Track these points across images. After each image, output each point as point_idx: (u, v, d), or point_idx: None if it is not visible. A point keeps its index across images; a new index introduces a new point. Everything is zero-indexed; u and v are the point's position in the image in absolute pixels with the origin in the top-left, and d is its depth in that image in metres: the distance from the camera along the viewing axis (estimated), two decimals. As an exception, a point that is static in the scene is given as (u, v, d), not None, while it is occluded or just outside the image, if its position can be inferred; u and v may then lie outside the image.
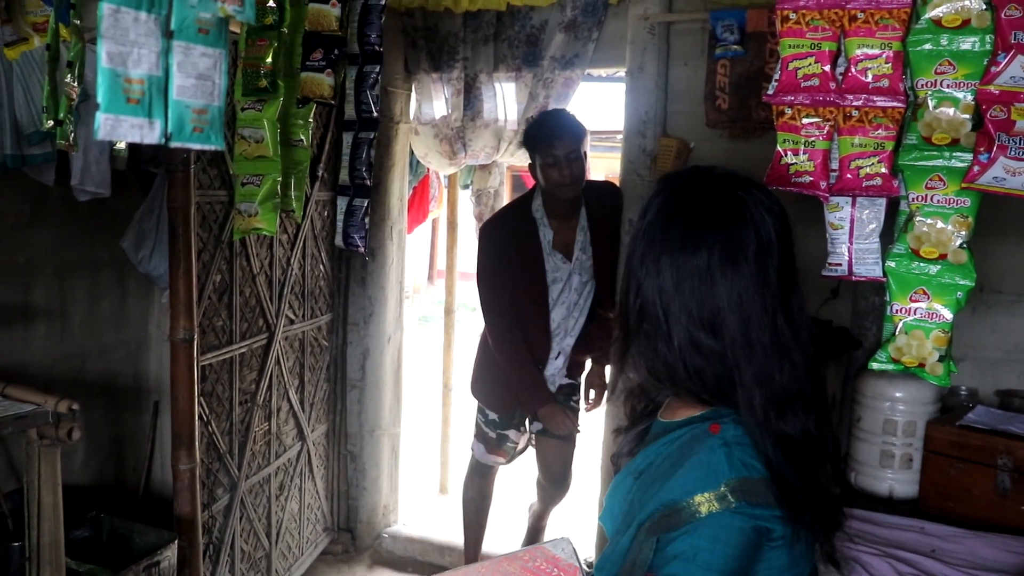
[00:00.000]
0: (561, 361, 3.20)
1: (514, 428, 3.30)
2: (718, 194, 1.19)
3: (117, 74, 0.73)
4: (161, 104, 0.79)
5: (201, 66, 0.80)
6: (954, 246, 1.60)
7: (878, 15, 1.64)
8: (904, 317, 1.65)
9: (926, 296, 1.63)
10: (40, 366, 2.82)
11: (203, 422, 2.74)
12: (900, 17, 1.63)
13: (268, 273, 3.14)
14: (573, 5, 3.49)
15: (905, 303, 1.65)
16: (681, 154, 3.36)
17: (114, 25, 0.73)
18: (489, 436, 3.31)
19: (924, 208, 1.62)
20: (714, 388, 1.16)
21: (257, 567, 3.24)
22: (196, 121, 0.81)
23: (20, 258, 2.73)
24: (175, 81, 0.79)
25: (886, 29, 1.64)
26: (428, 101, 3.89)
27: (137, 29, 0.74)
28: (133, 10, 0.74)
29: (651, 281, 1.16)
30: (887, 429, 2.69)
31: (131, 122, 0.76)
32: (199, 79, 0.80)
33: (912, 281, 1.64)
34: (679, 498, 1.10)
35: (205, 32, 0.81)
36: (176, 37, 0.79)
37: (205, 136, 0.83)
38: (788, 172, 1.72)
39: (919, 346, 1.63)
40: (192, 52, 0.79)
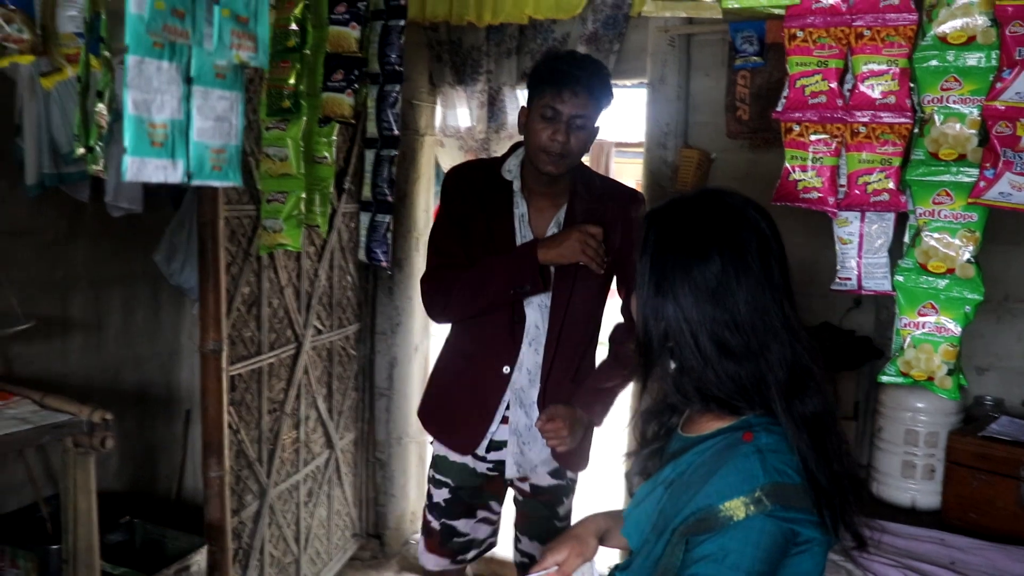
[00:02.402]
0: (529, 384, 2.28)
1: (467, 513, 2.38)
2: (707, 208, 1.28)
3: (142, 120, 0.79)
4: (183, 145, 0.85)
5: (219, 108, 0.86)
6: (961, 260, 1.62)
7: (884, 32, 1.67)
8: (912, 331, 1.67)
9: (934, 310, 1.65)
10: (78, 376, 2.91)
11: (233, 430, 2.81)
12: (906, 34, 1.65)
13: (296, 285, 3.22)
14: (594, 18, 3.53)
15: (913, 317, 1.67)
16: (702, 165, 3.39)
17: (139, 75, 0.79)
18: (431, 526, 2.40)
19: (931, 223, 1.64)
20: (749, 389, 1.22)
21: (286, 572, 3.31)
22: (215, 160, 0.87)
23: (58, 273, 2.82)
24: (195, 124, 0.85)
25: (892, 46, 1.66)
26: (453, 113, 3.95)
27: (160, 77, 0.80)
28: (156, 60, 0.80)
29: (670, 302, 1.23)
30: (908, 439, 2.70)
31: (155, 163, 0.82)
32: (217, 121, 0.86)
33: (920, 295, 1.66)
34: (714, 503, 1.16)
35: (222, 77, 0.87)
36: (195, 83, 0.84)
37: (224, 173, 0.89)
38: (796, 188, 1.75)
39: (927, 360, 1.65)
40: (210, 96, 0.85)
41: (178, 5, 0.80)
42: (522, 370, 2.25)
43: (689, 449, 1.29)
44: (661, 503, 1.28)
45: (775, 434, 1.21)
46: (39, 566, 2.40)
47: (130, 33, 0.79)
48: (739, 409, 1.25)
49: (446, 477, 2.36)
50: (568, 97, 2.06)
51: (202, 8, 0.83)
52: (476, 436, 2.28)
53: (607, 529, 1.51)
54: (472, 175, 2.34)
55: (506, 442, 2.29)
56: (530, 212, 2.25)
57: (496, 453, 2.31)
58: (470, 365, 2.31)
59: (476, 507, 2.38)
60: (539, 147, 2.11)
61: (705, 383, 1.24)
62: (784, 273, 1.26)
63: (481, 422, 2.27)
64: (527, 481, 2.38)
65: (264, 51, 0.90)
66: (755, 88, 3.13)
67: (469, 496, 2.36)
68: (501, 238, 2.20)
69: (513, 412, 2.27)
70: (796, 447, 1.19)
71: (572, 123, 2.08)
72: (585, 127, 2.11)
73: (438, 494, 2.37)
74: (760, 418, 1.23)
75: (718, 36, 3.24)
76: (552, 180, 2.19)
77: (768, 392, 1.22)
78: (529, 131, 2.14)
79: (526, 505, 2.42)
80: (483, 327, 2.26)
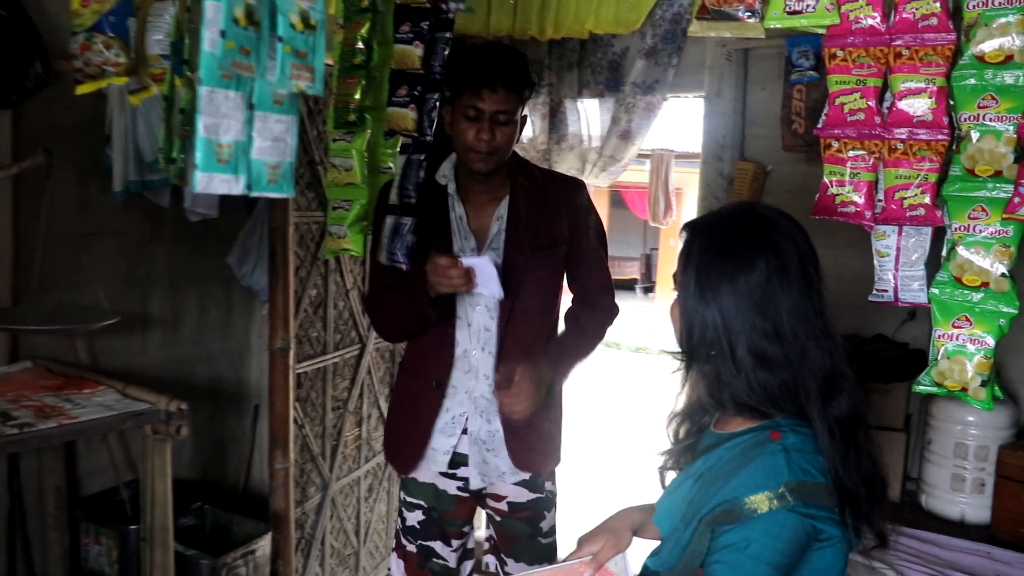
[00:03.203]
0: (487, 389, 2.15)
1: (442, 536, 2.26)
2: (748, 220, 1.35)
3: (211, 141, 0.92)
4: (245, 162, 0.97)
5: (276, 131, 0.98)
6: (996, 275, 1.65)
7: (922, 52, 1.70)
8: (946, 343, 1.70)
9: (968, 323, 1.68)
10: (155, 369, 3.09)
11: (298, 426, 2.95)
12: (944, 53, 1.69)
13: (361, 288, 3.36)
14: (653, 33, 3.60)
15: (948, 329, 1.70)
16: (758, 178, 3.43)
17: (210, 103, 0.91)
18: (408, 549, 2.28)
19: (966, 238, 1.67)
20: (777, 398, 1.29)
21: (346, 563, 3.45)
22: (271, 175, 0.99)
23: (141, 272, 3.01)
24: (255, 144, 0.97)
25: (930, 65, 1.70)
26: (515, 125, 4.05)
27: (227, 104, 0.92)
28: (224, 90, 0.92)
29: (712, 310, 1.30)
30: (958, 453, 2.70)
31: (221, 178, 0.94)
32: (274, 141, 0.98)
33: (955, 308, 1.69)
34: (739, 496, 1.23)
35: (279, 103, 0.98)
36: (256, 109, 0.96)
37: (279, 186, 1.01)
38: (834, 202, 1.80)
39: (960, 371, 1.68)
40: (268, 120, 0.97)
41: (245, 44, 0.93)
42: (478, 376, 2.15)
43: (720, 445, 1.36)
44: (691, 494, 1.35)
45: (802, 435, 1.28)
46: (119, 544, 2.58)
47: (203, 67, 0.92)
48: (769, 414, 1.32)
49: (417, 499, 2.25)
50: (487, 95, 2.02)
51: (265, 45, 0.95)
52: (414, 456, 2.19)
53: (641, 522, 1.58)
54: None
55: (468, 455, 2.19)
56: (469, 212, 2.20)
57: (464, 469, 2.19)
58: (410, 380, 2.27)
59: (450, 535, 2.27)
60: (466, 147, 2.08)
61: (738, 392, 1.31)
62: (819, 283, 1.32)
63: (418, 439, 2.18)
64: (503, 500, 2.24)
65: (320, 80, 1.02)
66: (811, 102, 3.16)
67: (442, 521, 2.25)
68: (437, 243, 2.12)
69: (472, 421, 2.16)
70: (824, 449, 1.26)
71: (495, 119, 2.04)
72: (509, 121, 2.07)
73: (411, 516, 2.26)
74: (788, 419, 1.30)
75: (775, 50, 3.28)
76: (487, 177, 2.14)
77: (801, 397, 1.29)
78: (455, 132, 2.11)
79: (505, 525, 2.27)
80: (420, 340, 2.22)
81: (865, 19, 1.75)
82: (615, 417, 7.15)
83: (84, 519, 2.70)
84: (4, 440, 1.89)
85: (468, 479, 2.19)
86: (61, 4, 2.47)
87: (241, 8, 0.92)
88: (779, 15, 1.81)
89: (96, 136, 2.66)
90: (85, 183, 2.73)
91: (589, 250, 2.23)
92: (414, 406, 2.20)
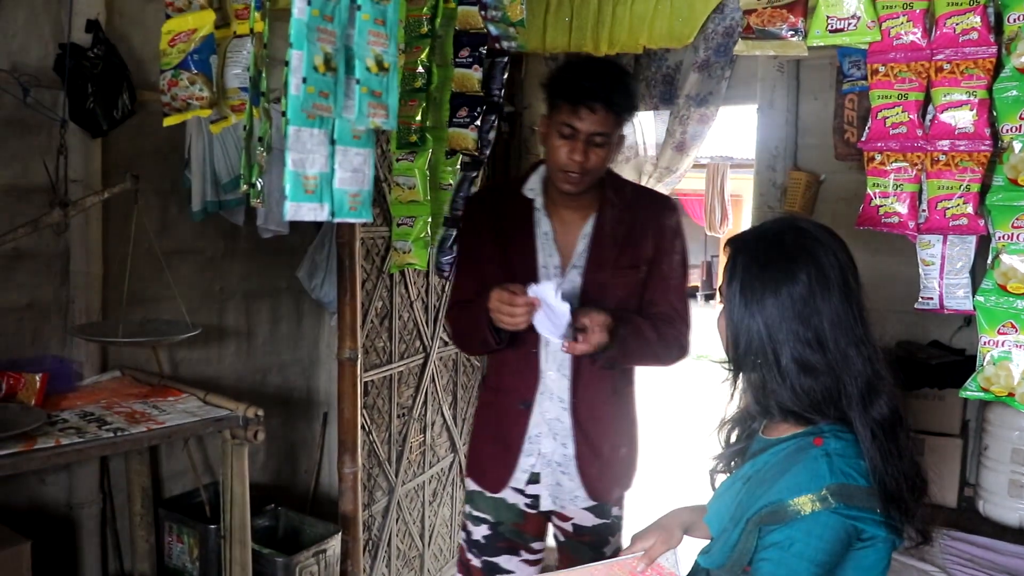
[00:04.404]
0: (562, 411, 2.12)
1: (508, 550, 2.21)
2: (790, 234, 1.42)
3: (299, 174, 1.04)
4: (328, 192, 1.09)
5: (355, 162, 1.10)
6: (1040, 282, 1.69)
7: (964, 65, 1.75)
8: (992, 349, 1.74)
9: (1014, 329, 1.71)
10: (230, 378, 3.26)
11: (365, 432, 3.08)
12: (985, 67, 1.73)
13: (424, 300, 3.49)
14: (706, 46, 3.67)
15: (993, 336, 1.74)
16: (811, 187, 3.46)
17: (297, 140, 1.03)
18: (472, 564, 2.24)
19: (1010, 246, 1.71)
20: (820, 403, 1.36)
21: (411, 565, 3.57)
22: (352, 202, 1.10)
23: (216, 286, 3.19)
24: (337, 175, 1.08)
25: (971, 78, 1.75)
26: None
27: (312, 141, 1.05)
28: (308, 128, 1.04)
29: (756, 321, 1.38)
30: (1016, 459, 2.70)
31: (308, 207, 1.07)
32: (354, 172, 1.10)
33: (1000, 315, 1.73)
34: (784, 498, 1.31)
35: (358, 138, 1.10)
36: (337, 143, 1.09)
37: (358, 212, 1.13)
38: (878, 213, 1.86)
39: (1007, 376, 1.72)
40: (348, 153, 1.09)
41: (324, 88, 1.05)
42: (552, 399, 2.11)
43: (767, 450, 1.44)
44: (739, 496, 1.43)
45: (844, 440, 1.35)
46: (200, 542, 2.74)
47: (290, 110, 1.05)
48: (813, 420, 1.39)
49: (484, 513, 2.21)
50: (585, 115, 1.93)
51: (342, 87, 1.08)
52: (503, 475, 2.16)
53: (692, 522, 1.66)
54: (489, 199, 2.27)
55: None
56: (556, 228, 2.11)
57: (535, 486, 2.16)
58: (495, 399, 2.22)
59: (518, 547, 2.22)
60: (558, 166, 2.00)
61: (783, 399, 1.38)
62: (859, 293, 1.38)
63: (506, 460, 2.15)
64: (569, 521, 2.21)
65: (393, 116, 1.14)
66: (862, 111, 3.19)
67: (510, 534, 2.20)
68: (521, 261, 2.07)
69: (545, 443, 2.13)
70: (866, 450, 1.32)
71: (591, 141, 1.95)
72: (606, 144, 1.98)
73: (477, 531, 2.22)
74: (831, 425, 1.37)
75: (826, 60, 3.32)
76: (576, 193, 2.06)
77: (843, 403, 1.36)
78: (548, 147, 2.03)
79: (569, 547, 2.25)
80: (504, 359, 2.17)
81: (906, 35, 1.81)
82: (675, 422, 7.16)
83: (167, 519, 2.86)
84: (102, 443, 2.05)
85: (539, 496, 2.16)
86: (144, 39, 2.67)
87: (320, 57, 1.05)
88: (821, 33, 1.88)
89: (175, 160, 2.85)
90: (166, 204, 2.91)
91: (670, 275, 2.13)
92: (501, 426, 2.17)
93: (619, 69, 2.05)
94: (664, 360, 2.12)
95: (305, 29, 1.05)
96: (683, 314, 2.14)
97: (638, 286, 2.12)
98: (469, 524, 2.25)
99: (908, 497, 1.33)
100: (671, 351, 2.11)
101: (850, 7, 1.81)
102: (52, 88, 2.46)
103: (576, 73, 1.99)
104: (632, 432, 2.24)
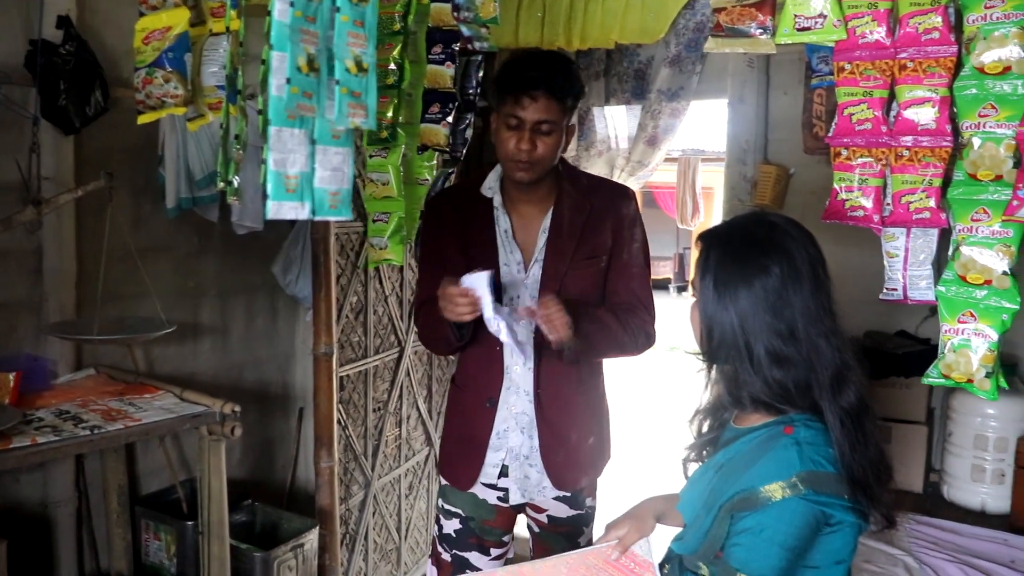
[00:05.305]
0: (528, 405, 2.13)
1: (478, 546, 2.23)
2: (762, 228, 1.46)
3: (280, 174, 1.06)
4: (309, 191, 1.11)
5: (335, 161, 1.12)
6: (998, 273, 1.74)
7: (926, 64, 1.80)
8: (952, 337, 1.80)
9: (973, 318, 1.77)
10: (206, 375, 3.25)
11: (341, 426, 3.09)
12: (946, 65, 1.79)
13: (399, 294, 3.50)
14: (677, 42, 3.71)
15: (954, 324, 1.80)
16: (781, 180, 3.52)
17: (278, 140, 1.05)
18: (442, 558, 2.27)
19: (969, 238, 1.77)
20: (791, 394, 1.39)
21: (388, 558, 3.59)
22: (332, 200, 1.12)
23: (191, 283, 3.18)
24: (317, 174, 1.10)
25: (933, 76, 1.80)
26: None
27: (293, 141, 1.06)
28: (290, 128, 1.07)
29: (729, 314, 1.41)
30: (978, 444, 2.78)
31: (290, 205, 1.09)
32: (334, 171, 1.12)
33: (960, 304, 1.79)
34: (756, 485, 1.35)
35: (337, 137, 1.12)
36: (317, 143, 1.11)
37: (338, 210, 1.15)
38: (844, 207, 1.91)
39: (966, 363, 1.78)
40: (328, 152, 1.11)
41: (307, 88, 1.07)
42: (519, 393, 2.13)
43: (738, 439, 1.48)
44: (712, 484, 1.47)
45: (813, 429, 1.39)
46: (177, 539, 2.75)
47: (272, 110, 1.06)
48: (784, 410, 1.43)
49: (455, 507, 2.23)
50: (527, 103, 1.95)
51: (324, 89, 1.10)
52: (472, 472, 2.18)
53: (665, 510, 1.69)
54: (450, 200, 2.28)
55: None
56: (515, 224, 2.13)
57: (504, 480, 2.17)
58: (462, 397, 2.25)
59: (488, 544, 2.24)
60: (507, 157, 2.02)
61: (755, 390, 1.42)
62: (827, 285, 1.43)
63: (474, 458, 2.17)
64: (544, 512, 2.23)
65: (372, 116, 1.16)
66: (831, 105, 3.23)
67: (480, 530, 2.22)
68: (483, 260, 2.05)
69: (513, 437, 2.15)
70: (835, 438, 1.37)
71: (537, 129, 1.98)
72: (552, 131, 1.99)
73: (448, 525, 2.25)
74: (801, 414, 1.41)
75: (795, 56, 3.38)
76: (532, 187, 2.08)
77: (814, 392, 1.40)
78: (497, 141, 2.05)
79: (543, 538, 2.27)
80: (469, 355, 2.19)
81: (871, 34, 1.86)
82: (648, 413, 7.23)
83: (144, 516, 2.86)
84: (78, 440, 2.05)
85: (508, 491, 2.18)
86: (117, 35, 2.66)
87: (303, 58, 1.07)
88: (789, 32, 1.92)
89: (149, 157, 2.84)
90: (140, 202, 2.90)
91: (631, 264, 2.15)
92: (469, 424, 2.19)
93: (560, 58, 2.08)
94: (630, 350, 2.13)
95: (287, 31, 1.07)
96: (646, 302, 2.15)
97: (599, 276, 2.13)
98: (442, 518, 2.28)
99: (874, 483, 1.37)
100: (636, 340, 2.11)
101: (817, 6, 1.86)
102: (23, 85, 2.44)
103: (517, 65, 2.02)
104: (601, 422, 2.26)
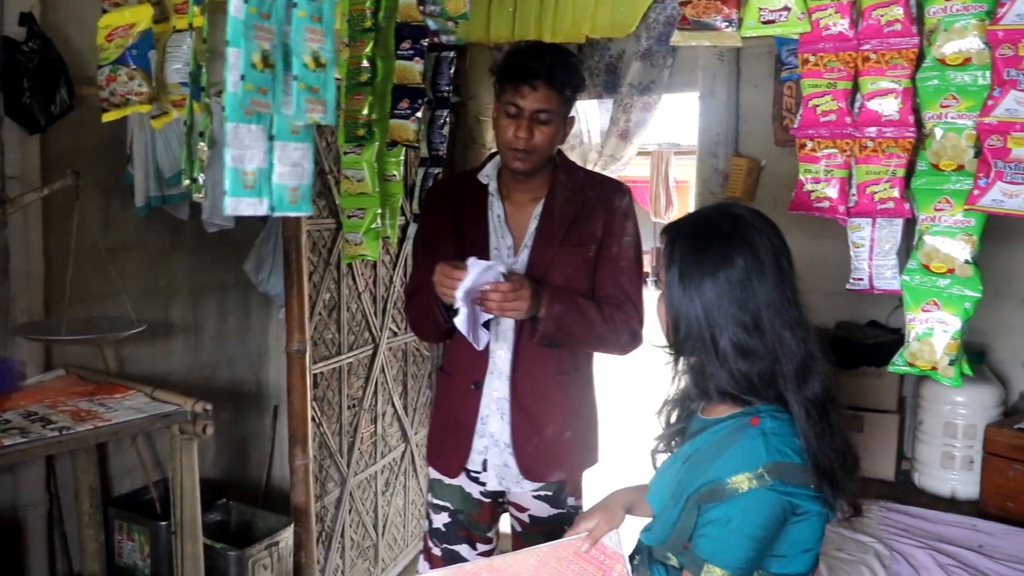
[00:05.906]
0: (508, 390, 2.14)
1: (467, 539, 2.25)
2: (726, 220, 1.47)
3: (238, 170, 1.05)
4: (267, 187, 1.10)
5: (294, 157, 1.12)
6: (960, 262, 1.76)
7: (888, 55, 1.83)
8: (917, 325, 1.83)
9: (937, 307, 1.80)
10: (179, 374, 3.23)
11: (316, 424, 3.09)
12: (908, 57, 1.81)
13: (372, 291, 3.50)
14: (648, 35, 3.73)
15: (918, 313, 1.82)
16: (752, 172, 3.55)
17: (235, 136, 1.05)
18: (433, 552, 2.29)
19: (932, 228, 1.79)
20: (757, 386, 1.41)
21: (365, 555, 3.59)
22: (291, 196, 1.12)
23: (162, 282, 3.15)
24: (276, 170, 1.10)
25: (896, 68, 1.82)
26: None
27: (250, 137, 1.06)
28: (247, 124, 1.06)
29: (695, 306, 1.42)
30: (948, 432, 2.82)
31: (248, 201, 1.08)
32: (293, 166, 1.11)
33: (924, 293, 1.81)
34: (722, 476, 1.36)
35: (296, 132, 1.11)
36: (276, 139, 1.10)
37: (298, 206, 1.15)
38: (809, 198, 1.93)
39: (930, 351, 1.80)
40: (287, 148, 1.11)
41: (262, 84, 1.06)
42: (501, 377, 2.14)
43: (705, 430, 1.49)
44: (679, 475, 1.48)
45: (780, 420, 1.40)
46: (151, 539, 2.73)
47: (228, 107, 1.06)
48: (750, 401, 1.44)
49: (444, 501, 2.25)
50: (527, 92, 1.98)
51: (280, 83, 1.09)
52: (458, 458, 2.18)
53: (634, 501, 1.71)
54: (447, 189, 2.31)
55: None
56: (508, 210, 2.16)
57: (486, 473, 2.19)
58: (450, 383, 2.25)
59: (475, 539, 2.26)
60: (505, 145, 2.05)
61: (721, 382, 1.43)
62: (792, 276, 1.44)
63: (460, 443, 2.18)
64: (526, 512, 2.25)
65: (331, 111, 1.16)
66: (799, 98, 3.27)
67: (468, 524, 2.24)
68: (474, 243, 2.09)
69: (493, 423, 2.15)
70: (801, 429, 1.38)
71: (535, 118, 2.00)
72: (550, 121, 2.02)
73: (437, 519, 2.27)
74: (767, 405, 1.42)
75: (765, 49, 3.41)
76: (528, 176, 2.10)
77: (780, 384, 1.41)
78: (496, 128, 2.08)
79: (525, 537, 2.27)
80: (457, 341, 2.16)
81: (834, 26, 1.88)
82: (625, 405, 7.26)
83: (117, 517, 2.84)
84: (47, 442, 2.03)
85: (488, 482, 2.18)
86: (81, 33, 2.63)
87: (258, 54, 1.06)
88: (754, 24, 1.94)
89: (117, 155, 2.81)
90: (108, 200, 2.87)
91: (620, 258, 2.14)
92: (454, 409, 2.20)
93: (561, 49, 2.11)
94: (612, 345, 2.12)
95: (242, 27, 1.06)
96: (635, 299, 2.14)
97: (586, 265, 2.12)
98: (431, 512, 2.29)
99: (840, 473, 1.39)
100: (619, 336, 2.10)
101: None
102: (-14, 83, 2.41)
103: (519, 55, 2.05)
104: (583, 418, 2.24)
